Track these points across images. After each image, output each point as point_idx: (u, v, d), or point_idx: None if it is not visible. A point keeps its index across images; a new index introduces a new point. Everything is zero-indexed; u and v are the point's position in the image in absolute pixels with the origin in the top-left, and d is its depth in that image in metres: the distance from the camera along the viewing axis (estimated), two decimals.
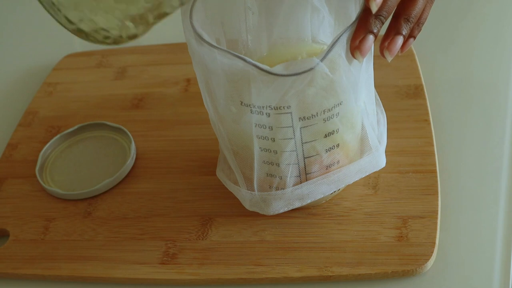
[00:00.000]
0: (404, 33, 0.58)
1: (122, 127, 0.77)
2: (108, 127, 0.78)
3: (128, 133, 0.76)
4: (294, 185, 0.62)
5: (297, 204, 0.63)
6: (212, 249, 0.65)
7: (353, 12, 0.60)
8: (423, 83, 0.76)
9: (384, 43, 0.58)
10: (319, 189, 0.62)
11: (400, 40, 0.58)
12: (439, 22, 0.84)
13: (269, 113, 0.57)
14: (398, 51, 0.59)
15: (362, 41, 0.56)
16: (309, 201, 0.63)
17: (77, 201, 0.72)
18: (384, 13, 0.57)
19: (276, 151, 0.60)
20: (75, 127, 0.78)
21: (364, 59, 0.58)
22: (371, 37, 0.56)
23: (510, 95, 0.74)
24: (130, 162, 0.73)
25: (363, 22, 0.56)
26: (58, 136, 0.78)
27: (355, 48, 0.56)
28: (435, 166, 0.68)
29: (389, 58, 0.58)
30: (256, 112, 0.57)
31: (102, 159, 0.75)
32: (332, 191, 0.64)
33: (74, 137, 0.78)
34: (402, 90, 0.76)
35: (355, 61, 0.57)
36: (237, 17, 0.65)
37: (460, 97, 0.75)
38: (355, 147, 0.63)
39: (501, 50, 0.80)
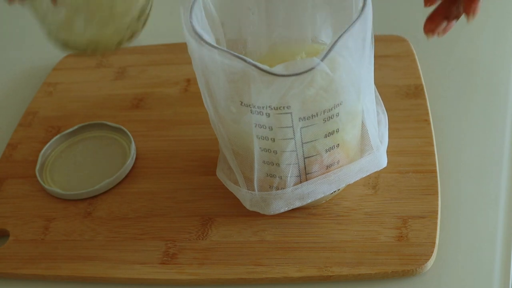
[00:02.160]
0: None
1: (122, 127, 0.77)
2: (108, 127, 0.78)
3: (128, 133, 0.76)
4: (294, 185, 0.62)
5: (298, 204, 0.63)
6: (212, 249, 0.65)
7: (353, 12, 0.60)
8: (423, 83, 0.76)
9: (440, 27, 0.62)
10: (320, 188, 0.62)
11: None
12: None
13: (269, 113, 0.57)
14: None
15: (446, 28, 0.62)
16: (309, 201, 0.63)
17: (77, 201, 0.72)
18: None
19: (276, 151, 0.60)
20: (75, 127, 0.78)
21: (365, 58, 0.58)
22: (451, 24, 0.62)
23: (510, 95, 0.74)
24: (130, 162, 0.73)
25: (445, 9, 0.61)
26: (58, 136, 0.78)
27: (433, 31, 0.62)
28: (435, 166, 0.68)
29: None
30: (256, 112, 0.57)
31: (102, 159, 0.75)
32: (333, 191, 0.64)
33: (74, 137, 0.78)
34: (402, 90, 0.76)
35: (356, 59, 0.57)
36: (237, 17, 0.65)
37: (460, 97, 0.75)
38: (356, 147, 0.63)
39: (501, 50, 0.80)
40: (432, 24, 0.62)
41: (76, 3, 0.65)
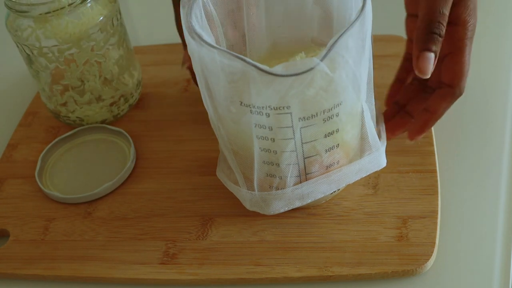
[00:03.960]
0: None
1: (122, 130, 0.77)
2: (107, 130, 0.78)
3: (128, 136, 0.76)
4: (294, 185, 0.62)
5: (297, 204, 0.63)
6: (212, 249, 0.65)
7: (353, 12, 0.60)
8: None
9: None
10: (319, 188, 0.62)
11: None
12: None
13: (269, 114, 0.57)
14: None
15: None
16: (309, 201, 0.63)
17: None
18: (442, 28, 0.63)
19: (276, 151, 0.60)
20: (75, 130, 0.78)
21: (365, 58, 0.58)
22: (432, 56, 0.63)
23: (510, 95, 0.74)
24: (129, 165, 0.73)
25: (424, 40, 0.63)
26: (57, 139, 0.77)
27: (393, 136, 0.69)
28: (435, 166, 0.68)
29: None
30: (256, 113, 0.57)
31: (101, 163, 0.75)
32: (333, 191, 0.64)
33: (74, 140, 0.78)
34: None
35: (356, 58, 0.57)
36: (237, 18, 0.65)
37: (460, 97, 0.75)
38: (355, 147, 0.63)
39: (501, 50, 0.80)
40: (393, 135, 0.69)
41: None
